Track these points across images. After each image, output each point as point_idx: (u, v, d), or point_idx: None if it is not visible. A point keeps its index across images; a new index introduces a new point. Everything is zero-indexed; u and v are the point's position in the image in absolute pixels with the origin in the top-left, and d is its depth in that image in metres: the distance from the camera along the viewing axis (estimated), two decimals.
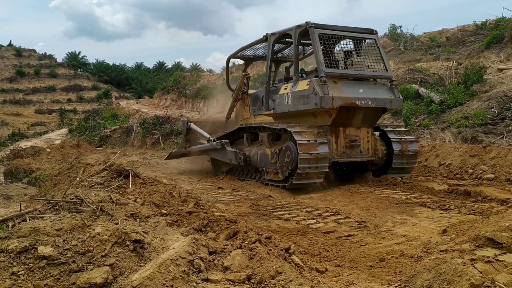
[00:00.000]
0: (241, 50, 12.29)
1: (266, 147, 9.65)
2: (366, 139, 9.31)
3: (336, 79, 8.82)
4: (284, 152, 8.82)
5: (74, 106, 55.56)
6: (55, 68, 64.36)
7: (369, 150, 9.32)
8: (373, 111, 9.21)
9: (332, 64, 8.97)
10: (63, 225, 3.93)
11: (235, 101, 12.19)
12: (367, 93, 8.95)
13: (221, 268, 3.76)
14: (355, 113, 9.00)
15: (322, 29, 9.06)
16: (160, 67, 75.51)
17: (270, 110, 10.06)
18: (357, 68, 9.20)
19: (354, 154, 9.16)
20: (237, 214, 6.23)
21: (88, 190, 6.47)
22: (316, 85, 8.57)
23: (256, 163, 9.83)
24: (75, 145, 19.71)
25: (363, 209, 6.60)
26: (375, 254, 4.55)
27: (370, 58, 9.43)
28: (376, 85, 9.36)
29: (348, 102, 8.68)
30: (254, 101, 11.44)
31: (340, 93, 8.65)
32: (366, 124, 9.31)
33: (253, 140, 10.55)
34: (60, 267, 3.41)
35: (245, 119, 11.75)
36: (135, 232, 4.07)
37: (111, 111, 31.75)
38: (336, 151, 8.95)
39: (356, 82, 9.08)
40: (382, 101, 9.08)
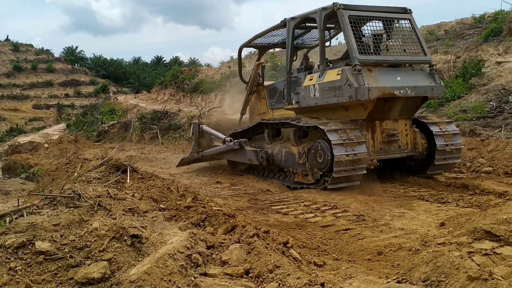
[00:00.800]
0: (255, 38, 11.12)
1: (292, 145, 8.75)
2: (404, 132, 8.35)
3: (370, 66, 7.85)
4: (314, 152, 7.95)
5: (71, 101, 55.47)
6: (53, 63, 64.11)
7: (408, 144, 8.37)
8: (413, 101, 8.22)
9: (366, 50, 7.95)
10: (61, 220, 3.92)
11: (250, 94, 11.30)
12: (405, 81, 7.93)
13: (219, 263, 3.76)
14: (394, 104, 8.02)
15: (351, 10, 8.04)
16: (158, 62, 75.26)
17: (292, 104, 9.05)
18: (392, 53, 8.20)
19: (392, 150, 8.24)
20: (236, 208, 6.23)
21: (86, 185, 6.46)
22: (350, 74, 7.58)
23: (281, 162, 8.99)
24: (73, 140, 19.66)
25: (361, 203, 6.61)
26: (373, 248, 4.56)
27: (405, 41, 8.45)
28: (414, 71, 8.31)
29: (386, 92, 7.68)
30: (272, 93, 10.54)
31: (377, 82, 7.65)
32: (404, 115, 8.34)
33: (275, 136, 9.69)
34: (57, 262, 3.40)
35: (261, 113, 10.83)
36: (133, 227, 4.07)
37: (109, 106, 31.62)
38: (373, 147, 8.03)
39: (391, 69, 8.11)
40: (422, 89, 8.06)
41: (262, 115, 10.73)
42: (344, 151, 7.37)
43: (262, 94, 10.91)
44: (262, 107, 10.91)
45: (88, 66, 69.59)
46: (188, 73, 31.44)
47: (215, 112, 20.95)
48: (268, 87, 10.78)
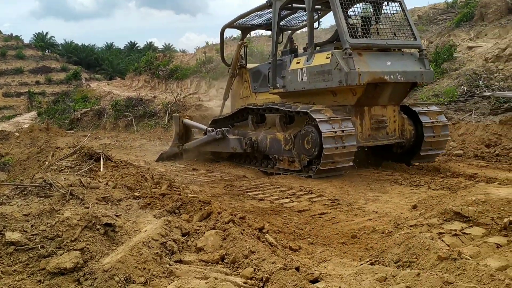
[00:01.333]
0: (238, 19, 10.73)
1: (278, 131, 8.51)
2: (392, 118, 8.17)
3: (360, 50, 7.59)
4: (302, 139, 7.77)
5: (42, 88, 54.04)
6: (22, 50, 62.22)
7: (396, 131, 8.20)
8: (402, 87, 8.05)
9: (355, 33, 7.69)
10: (31, 210, 3.84)
11: (232, 77, 10.90)
12: (395, 65, 7.72)
13: (195, 249, 3.75)
14: (383, 89, 7.81)
15: None
16: (131, 48, 73.88)
17: (278, 88, 8.81)
18: (383, 37, 7.90)
19: (380, 136, 8.05)
20: (211, 195, 6.22)
21: (57, 174, 6.32)
22: (340, 58, 7.34)
23: (266, 149, 8.76)
24: (45, 128, 19.22)
25: (336, 188, 6.69)
26: (348, 231, 4.63)
27: (395, 25, 8.23)
28: (404, 56, 8.07)
29: (376, 77, 7.45)
30: (255, 76, 10.16)
31: (367, 67, 7.42)
32: (393, 101, 8.16)
33: (259, 122, 9.39)
34: (28, 252, 3.33)
35: (244, 97, 10.44)
36: (106, 215, 4.01)
37: (81, 93, 30.92)
38: (361, 134, 7.84)
39: (381, 53, 7.85)
40: (412, 74, 7.85)
41: (245, 99, 10.38)
42: (334, 143, 7.20)
43: (245, 77, 10.51)
44: (245, 91, 10.52)
45: (59, 53, 67.81)
46: (163, 59, 31.01)
47: (190, 99, 20.79)
48: (252, 70, 10.39)
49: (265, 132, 8.94)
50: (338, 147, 7.22)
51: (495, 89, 11.54)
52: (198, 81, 25.23)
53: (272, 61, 9.09)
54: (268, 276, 3.14)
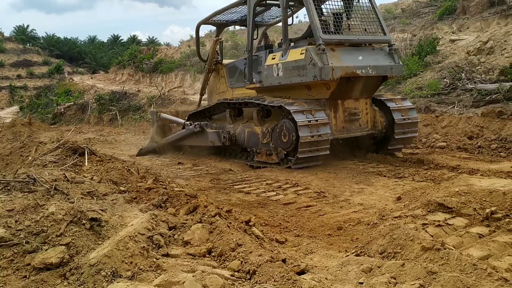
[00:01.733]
0: (213, 15, 10.96)
1: (255, 125, 8.74)
2: (365, 111, 8.53)
3: (333, 46, 7.87)
4: (279, 132, 8.02)
5: (24, 82, 53.04)
6: (3, 43, 60.94)
7: (369, 123, 8.56)
8: (374, 80, 8.39)
9: (328, 29, 7.92)
10: (15, 205, 3.79)
11: (209, 72, 11.05)
12: (366, 60, 8.02)
13: (181, 243, 3.75)
14: (355, 83, 8.11)
15: None
16: (115, 41, 72.94)
17: (254, 83, 9.02)
18: (354, 33, 8.19)
19: (353, 128, 8.39)
20: (198, 188, 6.22)
21: (41, 169, 6.24)
22: (314, 54, 7.57)
23: (244, 142, 8.99)
24: (27, 123, 18.78)
25: (322, 180, 6.74)
26: (333, 223, 4.68)
27: (365, 20, 8.46)
28: (375, 51, 8.38)
29: (349, 72, 7.74)
30: (231, 72, 10.37)
31: (340, 62, 7.70)
32: (365, 94, 8.50)
33: (237, 116, 9.63)
34: (13, 248, 3.30)
35: (221, 92, 10.64)
36: (92, 210, 3.98)
37: (64, 87, 30.43)
38: (335, 126, 8.15)
39: (353, 48, 8.14)
40: (382, 68, 8.18)
41: (221, 95, 10.54)
42: (309, 132, 7.46)
43: (222, 73, 10.67)
44: (221, 86, 10.67)
45: (41, 46, 66.62)
46: (147, 53, 30.70)
47: (175, 92, 20.66)
48: (228, 65, 10.56)
49: (243, 125, 9.13)
50: (314, 135, 7.50)
51: (477, 81, 11.71)
52: (183, 74, 25.07)
53: (248, 57, 9.23)
54: (255, 269, 3.16)
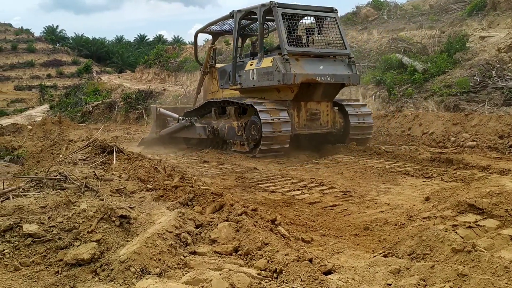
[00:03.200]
0: (208, 26, 12.46)
1: (233, 121, 10.18)
2: (325, 112, 9.93)
3: (298, 56, 9.35)
4: (249, 126, 9.48)
5: (54, 81, 54.42)
6: (33, 43, 62.62)
7: (329, 122, 9.96)
8: (332, 87, 9.80)
9: (295, 42, 9.41)
10: (48, 202, 3.90)
11: (204, 74, 12.45)
12: (326, 69, 9.45)
13: (208, 241, 3.79)
14: (316, 88, 9.55)
15: (285, 8, 9.54)
16: (141, 40, 74.00)
17: (237, 85, 10.49)
18: (317, 46, 9.73)
19: (314, 126, 9.79)
20: (223, 187, 6.25)
21: (72, 166, 6.40)
22: (279, 62, 9.07)
23: (224, 135, 10.40)
24: (57, 121, 19.38)
25: (347, 179, 6.68)
26: (360, 223, 4.63)
27: (330, 36, 9.98)
28: (336, 62, 9.84)
29: (309, 78, 9.21)
30: (222, 75, 11.69)
31: (302, 70, 9.17)
32: (325, 98, 9.92)
33: (221, 113, 11.00)
34: (46, 244, 3.39)
35: (213, 92, 12.02)
36: (121, 207, 4.06)
37: (92, 86, 31.06)
38: (298, 124, 9.57)
39: (317, 59, 9.62)
40: (340, 77, 9.64)
41: (213, 94, 11.95)
42: (271, 128, 8.89)
43: (214, 75, 12.06)
44: (214, 87, 12.08)
45: (70, 46, 68.14)
46: (172, 52, 31.02)
47: None
48: (219, 69, 11.94)
49: (224, 121, 10.58)
50: (275, 132, 8.93)
51: (508, 79, 11.39)
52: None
53: (232, 62, 10.88)
54: (281, 268, 3.17)
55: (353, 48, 17.60)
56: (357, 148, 9.36)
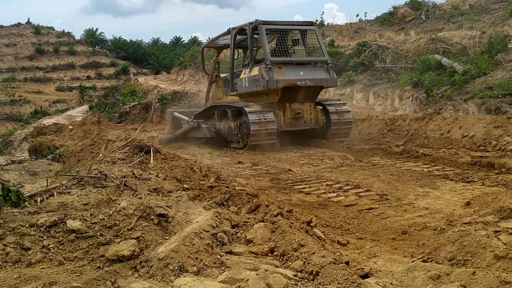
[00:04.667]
0: (211, 41, 14.95)
1: (231, 122, 11.67)
2: (309, 111, 11.39)
3: (281, 64, 10.90)
4: (242, 126, 11.03)
5: (93, 83, 56.05)
6: (74, 45, 64.70)
7: (312, 120, 11.43)
8: (313, 89, 11.26)
9: (277, 53, 11.08)
10: (90, 199, 4.02)
11: (210, 83, 14.24)
12: (306, 75, 10.91)
13: (244, 241, 3.82)
14: (297, 91, 11.04)
15: (268, 24, 11.22)
16: (176, 42, 75.17)
17: (234, 91, 12.23)
18: (298, 55, 11.35)
19: (299, 124, 11.31)
20: (258, 188, 6.27)
21: (111, 165, 6.58)
22: (264, 71, 10.72)
23: (225, 134, 11.95)
24: (96, 121, 19.94)
25: (384, 182, 6.58)
26: (397, 227, 4.56)
27: (310, 46, 11.58)
28: (315, 68, 11.29)
29: (290, 83, 10.76)
30: (225, 83, 13.23)
31: (284, 76, 10.72)
32: (308, 99, 11.36)
33: (222, 116, 12.47)
34: (88, 240, 3.51)
35: (219, 98, 13.71)
36: (159, 206, 4.15)
37: (129, 87, 31.77)
38: (284, 122, 11.12)
39: (298, 66, 11.12)
40: (319, 80, 11.09)
41: (219, 100, 13.59)
42: (258, 127, 10.38)
43: (219, 84, 13.73)
44: (219, 94, 13.75)
45: (109, 48, 69.98)
46: (207, 54, 31.34)
47: None
48: (223, 78, 13.55)
49: (225, 122, 12.07)
50: (262, 129, 10.40)
51: None
52: None
53: (230, 72, 12.62)
54: (318, 270, 3.15)
55: (389, 49, 17.33)
56: (393, 151, 9.23)
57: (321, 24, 25.86)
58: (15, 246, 3.29)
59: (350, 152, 9.61)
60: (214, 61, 14.10)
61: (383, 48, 17.56)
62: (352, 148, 10.06)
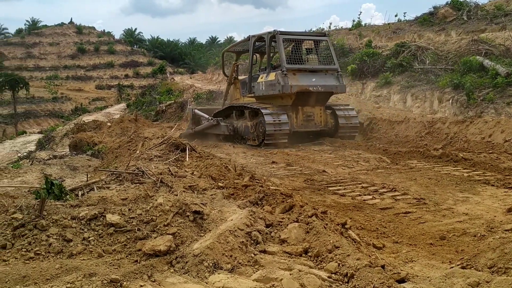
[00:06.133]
0: (232, 47, 16.55)
1: (248, 121, 12.73)
2: (319, 114, 12.50)
3: (295, 71, 11.91)
4: (258, 125, 12.13)
5: (131, 81, 57.42)
6: (113, 45, 66.52)
7: (322, 122, 12.53)
8: (323, 94, 12.31)
9: (293, 60, 12.11)
10: (128, 195, 4.12)
11: (229, 85, 15.35)
12: (318, 81, 12.00)
13: (278, 241, 3.82)
14: (309, 96, 12.08)
15: (285, 35, 12.44)
16: (212, 42, 76.09)
17: (252, 93, 13.36)
18: (311, 63, 12.49)
19: (310, 125, 12.42)
20: (292, 188, 6.25)
21: (148, 162, 6.71)
22: (280, 77, 11.76)
23: (242, 132, 13.02)
24: (133, 119, 20.35)
25: (421, 186, 6.42)
26: (435, 232, 4.44)
27: (322, 55, 12.76)
28: (326, 75, 12.36)
29: (303, 88, 11.80)
30: (243, 85, 14.38)
31: (297, 82, 11.76)
32: (318, 103, 12.45)
33: (240, 115, 13.54)
34: (126, 234, 3.60)
35: (236, 99, 14.84)
36: (195, 203, 4.20)
37: (166, 86, 32.31)
38: (296, 123, 12.23)
39: (311, 73, 12.19)
40: (329, 87, 12.19)
41: (237, 100, 14.70)
42: (273, 127, 11.46)
43: (237, 85, 14.83)
44: (237, 95, 14.86)
45: (146, 48, 71.52)
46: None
47: None
48: (241, 80, 14.69)
49: (242, 121, 13.15)
50: (276, 130, 11.49)
51: None
52: None
53: (248, 75, 13.78)
54: (353, 272, 3.12)
55: (429, 50, 16.91)
56: (432, 154, 9.00)
57: (358, 25, 25.52)
58: (57, 238, 3.42)
59: (386, 155, 9.44)
60: (234, 64, 15.17)
61: (423, 49, 17.16)
62: (388, 151, 9.87)
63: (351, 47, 21.39)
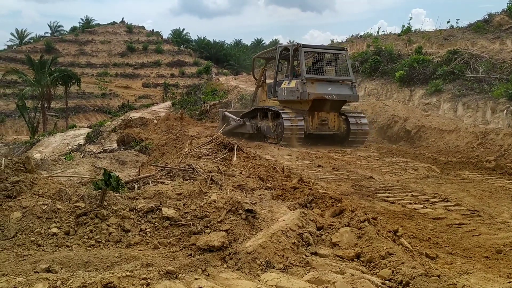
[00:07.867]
0: (262, 54, 18.64)
1: (270, 122, 14.25)
2: (333, 120, 13.75)
3: (314, 80, 13.31)
4: (277, 126, 13.64)
5: (176, 80, 58.50)
6: (161, 44, 68.04)
7: (335, 127, 13.80)
8: (337, 102, 13.68)
9: (312, 70, 13.57)
10: (183, 190, 4.22)
11: (257, 87, 16.66)
12: (333, 90, 13.36)
13: (329, 244, 3.80)
14: (325, 103, 13.46)
15: (307, 47, 13.92)
16: (257, 44, 76.46)
17: (276, 97, 14.83)
18: (329, 74, 13.84)
19: (324, 129, 13.70)
20: (340, 193, 6.19)
21: (196, 160, 6.84)
22: (299, 85, 13.20)
23: (264, 132, 14.58)
24: (179, 118, 20.77)
25: (475, 198, 6.22)
26: (491, 245, 4.29)
27: (339, 66, 13.99)
28: (342, 85, 13.73)
29: (319, 96, 13.19)
30: (269, 88, 15.72)
31: (315, 90, 13.15)
32: (333, 110, 13.73)
33: (264, 116, 14.93)
34: (181, 228, 3.69)
35: (263, 100, 16.15)
36: (246, 202, 4.25)
37: (211, 86, 32.72)
38: (311, 126, 13.56)
39: (327, 83, 13.54)
40: (343, 96, 13.53)
41: (263, 102, 15.99)
42: (290, 130, 12.90)
43: (264, 89, 16.20)
44: (263, 97, 16.16)
45: (193, 48, 72.72)
46: None
47: None
48: (268, 84, 16.06)
49: (265, 122, 14.64)
50: (293, 132, 12.92)
51: None
52: None
53: (274, 81, 15.25)
54: (408, 280, 3.06)
55: (483, 58, 16.34)
56: (485, 166, 8.72)
57: (408, 30, 24.97)
58: (116, 227, 3.55)
59: (436, 164, 9.19)
60: (262, 69, 16.88)
61: (476, 57, 16.59)
62: (437, 160, 9.61)
63: (399, 53, 20.96)
